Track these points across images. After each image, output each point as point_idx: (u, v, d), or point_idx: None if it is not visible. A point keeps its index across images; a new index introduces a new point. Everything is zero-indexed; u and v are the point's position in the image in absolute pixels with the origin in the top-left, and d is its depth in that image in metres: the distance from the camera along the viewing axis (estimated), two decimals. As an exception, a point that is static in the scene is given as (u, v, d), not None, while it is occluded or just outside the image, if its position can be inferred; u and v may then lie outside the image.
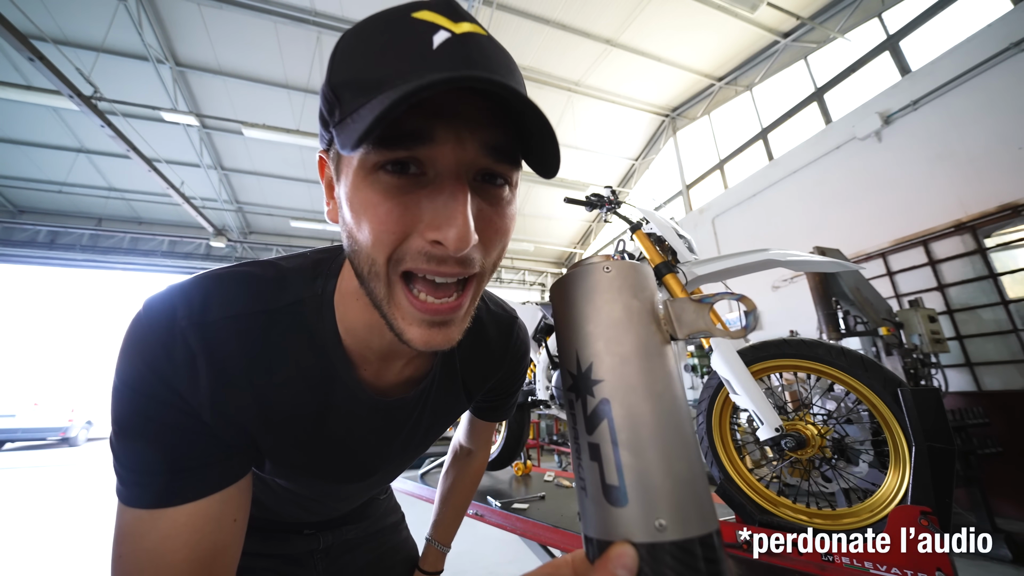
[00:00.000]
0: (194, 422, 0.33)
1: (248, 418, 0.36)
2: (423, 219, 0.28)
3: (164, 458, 0.32)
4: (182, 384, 0.32)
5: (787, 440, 1.02)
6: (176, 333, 0.32)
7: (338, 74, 0.29)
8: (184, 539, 0.32)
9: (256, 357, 0.36)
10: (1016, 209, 3.06)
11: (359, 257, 0.31)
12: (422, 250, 0.28)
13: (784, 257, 1.12)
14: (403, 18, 0.28)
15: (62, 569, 2.33)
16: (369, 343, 0.39)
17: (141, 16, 4.81)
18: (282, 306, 0.37)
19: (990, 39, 3.38)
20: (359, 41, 0.29)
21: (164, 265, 8.63)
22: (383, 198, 0.28)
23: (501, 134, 0.29)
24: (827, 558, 0.85)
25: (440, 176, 0.28)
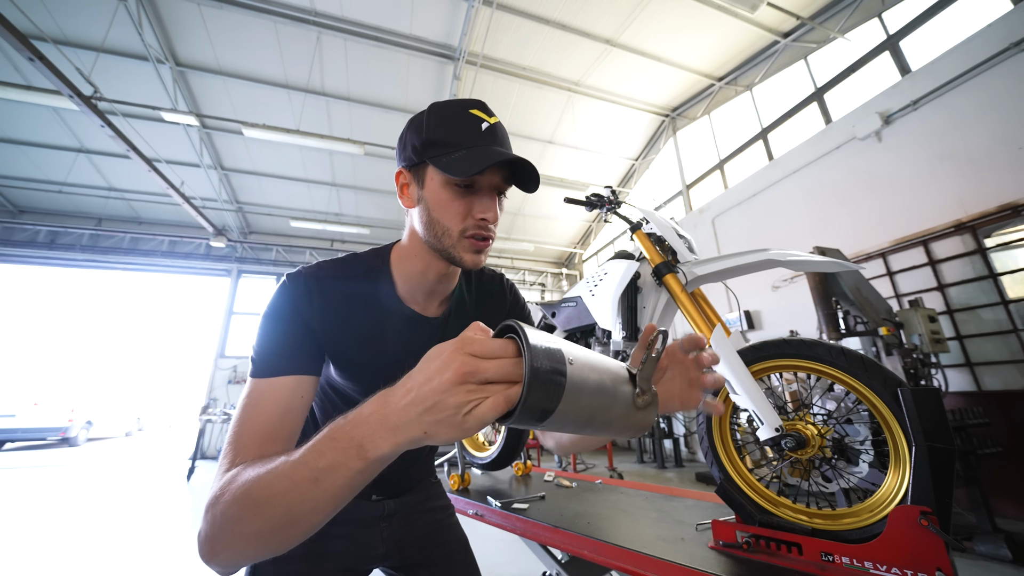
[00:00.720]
0: (304, 330, 0.58)
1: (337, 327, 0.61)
2: (475, 208, 0.58)
3: (280, 345, 0.56)
4: (304, 305, 0.58)
5: (787, 440, 1.02)
6: (301, 281, 0.59)
7: (432, 132, 0.57)
8: (273, 397, 0.53)
9: (346, 299, 0.62)
10: (1016, 209, 3.06)
11: (437, 227, 0.58)
12: (475, 224, 0.58)
13: (784, 257, 1.12)
14: (464, 112, 0.58)
15: (62, 569, 2.33)
16: (420, 284, 0.66)
17: (141, 16, 4.82)
18: (359, 272, 0.65)
19: (990, 39, 3.38)
20: (441, 116, 0.58)
21: (164, 265, 8.62)
22: (455, 197, 0.57)
23: (509, 173, 0.59)
24: (827, 558, 0.85)
25: (482, 190, 0.58)
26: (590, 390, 0.33)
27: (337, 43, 5.53)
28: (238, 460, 0.46)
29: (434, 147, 0.56)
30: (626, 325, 1.41)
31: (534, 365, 0.29)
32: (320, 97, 6.26)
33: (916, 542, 0.75)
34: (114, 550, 2.64)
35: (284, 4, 5.02)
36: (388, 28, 5.42)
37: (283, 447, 0.50)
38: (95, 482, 4.77)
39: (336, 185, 8.26)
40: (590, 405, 0.33)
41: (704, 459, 1.13)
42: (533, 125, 7.27)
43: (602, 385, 0.34)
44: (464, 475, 1.83)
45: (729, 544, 0.96)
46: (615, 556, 0.97)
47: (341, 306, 0.61)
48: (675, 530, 1.09)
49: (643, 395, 0.38)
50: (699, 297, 1.33)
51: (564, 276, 11.25)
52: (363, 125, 6.73)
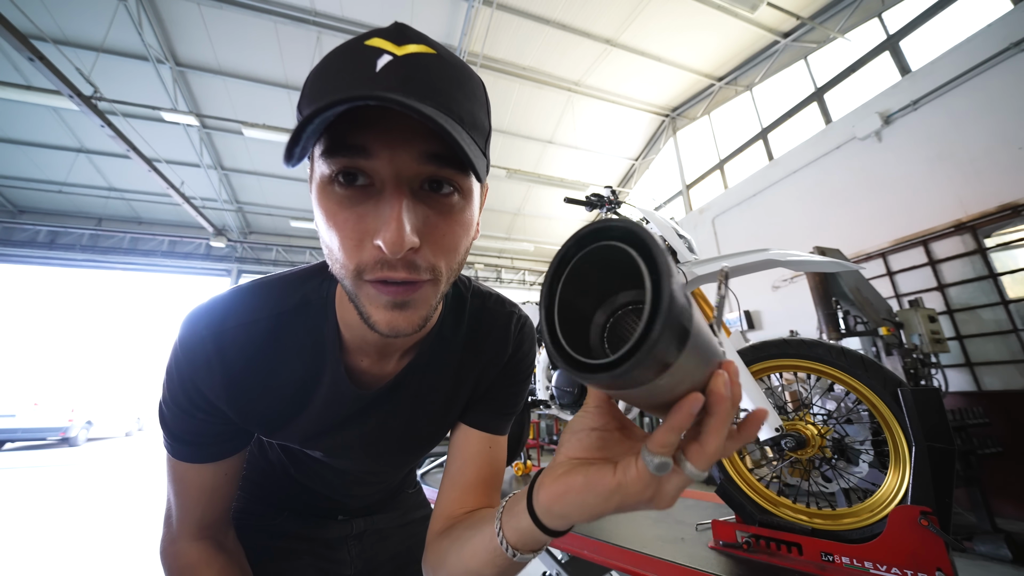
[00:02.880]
0: (208, 413, 0.44)
1: (253, 401, 0.45)
2: (370, 226, 0.31)
3: (186, 437, 0.46)
4: (203, 382, 0.42)
5: (787, 440, 1.02)
6: (198, 343, 0.42)
7: (302, 96, 0.33)
8: (196, 481, 0.48)
9: (263, 355, 0.44)
10: (1016, 209, 3.06)
11: (333, 259, 0.34)
12: (374, 259, 0.31)
13: (784, 257, 1.12)
14: (357, 46, 0.32)
15: (62, 569, 2.33)
16: (364, 336, 0.45)
17: (141, 16, 4.82)
18: (290, 307, 0.45)
19: (990, 39, 3.38)
20: (322, 67, 0.33)
21: (164, 265, 8.62)
22: (339, 207, 0.32)
23: (438, 146, 0.31)
24: (827, 558, 0.85)
25: (383, 186, 0.31)
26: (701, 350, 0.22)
27: (337, 43, 5.51)
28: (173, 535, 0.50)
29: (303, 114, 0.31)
30: (626, 325, 1.41)
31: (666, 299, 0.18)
32: (320, 97, 6.26)
33: (916, 542, 0.75)
34: (114, 550, 2.64)
35: (284, 4, 5.02)
36: (388, 28, 5.42)
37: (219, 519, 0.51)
38: (95, 482, 4.77)
39: (336, 185, 8.25)
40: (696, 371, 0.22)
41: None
42: (533, 125, 7.27)
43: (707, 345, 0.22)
44: (464, 475, 1.83)
45: (729, 544, 0.96)
46: (615, 556, 0.97)
47: (257, 367, 0.43)
48: (675, 530, 1.09)
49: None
50: (699, 297, 1.33)
51: (564, 276, 11.24)
52: (363, 125, 6.73)
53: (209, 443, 0.47)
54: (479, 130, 0.34)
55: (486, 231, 9.39)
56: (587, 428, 0.30)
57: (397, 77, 0.30)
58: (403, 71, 0.30)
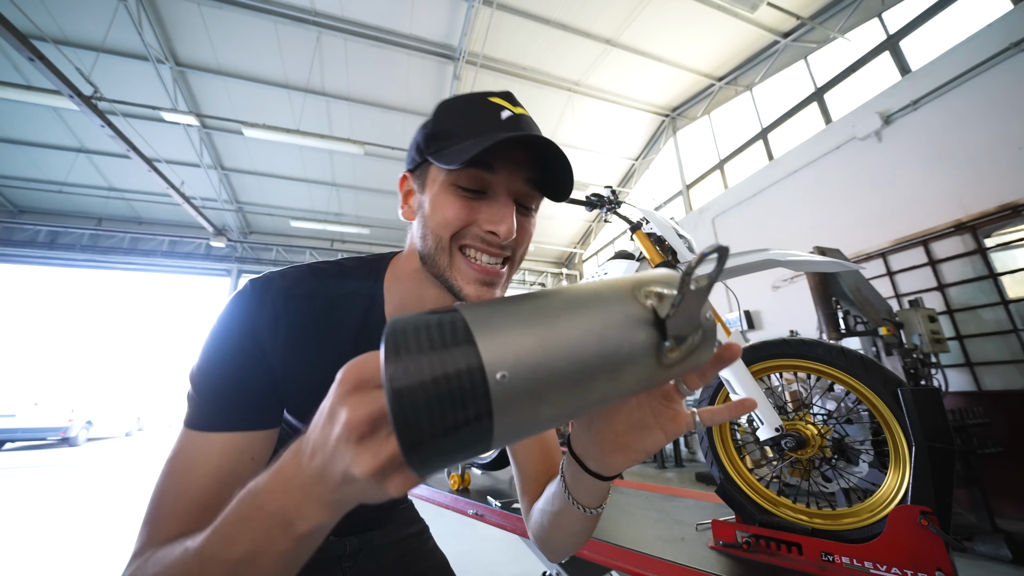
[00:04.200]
0: (259, 370, 0.44)
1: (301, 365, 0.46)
2: (480, 218, 0.43)
3: (224, 391, 0.42)
4: (265, 332, 0.44)
5: (787, 440, 1.02)
6: (269, 295, 0.46)
7: (440, 123, 0.45)
8: (212, 462, 0.40)
9: (319, 329, 0.48)
10: (1016, 209, 3.06)
11: (429, 238, 0.45)
12: (479, 235, 0.43)
13: (784, 257, 1.12)
14: (483, 100, 0.46)
15: (62, 569, 2.33)
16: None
17: (141, 16, 4.82)
18: (342, 293, 0.50)
19: (990, 39, 3.37)
20: (455, 106, 0.46)
21: (164, 265, 8.63)
22: (456, 199, 0.44)
23: (534, 173, 0.45)
24: (827, 558, 0.85)
25: (496, 195, 0.44)
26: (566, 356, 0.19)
27: (337, 43, 5.53)
28: (152, 542, 0.36)
29: (438, 139, 0.44)
30: (626, 325, 1.41)
31: (393, 367, 0.17)
32: (320, 97, 6.26)
33: (916, 542, 0.75)
34: (114, 550, 2.64)
35: (284, 4, 5.02)
36: (388, 28, 5.42)
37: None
38: (95, 482, 4.77)
39: (336, 185, 8.25)
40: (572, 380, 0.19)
41: (704, 459, 1.13)
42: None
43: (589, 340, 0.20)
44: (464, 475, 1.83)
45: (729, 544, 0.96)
46: (615, 556, 0.97)
47: (312, 336, 0.47)
48: (675, 530, 1.09)
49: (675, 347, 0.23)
50: (699, 297, 1.32)
51: (564, 276, 11.24)
52: (363, 125, 6.73)
53: (250, 403, 0.43)
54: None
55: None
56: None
57: (517, 124, 0.44)
58: (519, 122, 0.45)
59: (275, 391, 0.45)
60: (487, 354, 0.18)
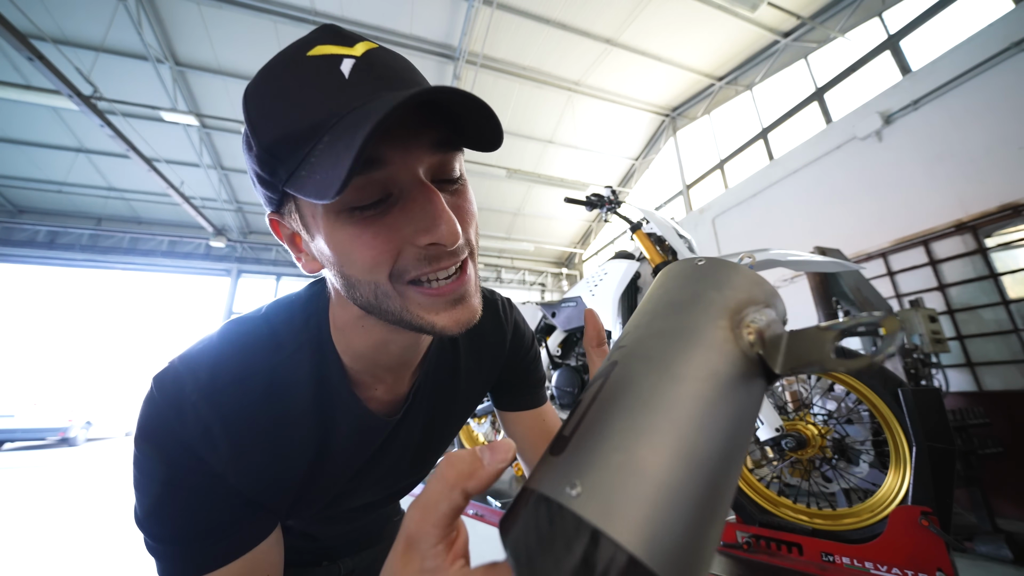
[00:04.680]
0: (218, 484, 0.35)
1: (270, 470, 0.38)
2: (406, 232, 0.31)
3: (195, 525, 0.34)
4: (206, 453, 0.34)
5: (787, 440, 1.01)
6: (188, 407, 0.34)
7: (265, 134, 0.29)
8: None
9: (266, 412, 0.37)
10: (1017, 209, 3.05)
11: (360, 288, 0.33)
12: (419, 256, 0.31)
13: (784, 257, 1.12)
14: (301, 60, 0.29)
15: (62, 569, 2.33)
16: (378, 361, 0.42)
17: (141, 16, 4.81)
18: (285, 355, 0.39)
19: (991, 39, 3.37)
20: (269, 95, 0.29)
21: (164, 265, 8.62)
22: (361, 229, 0.30)
23: (438, 133, 0.31)
24: (827, 558, 0.85)
25: (405, 190, 0.30)
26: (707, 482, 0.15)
27: (337, 43, 5.53)
28: None
29: (279, 158, 0.29)
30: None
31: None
32: (320, 97, 6.26)
33: (917, 542, 0.75)
34: (114, 550, 2.64)
35: (284, 4, 5.02)
36: (388, 28, 5.41)
37: None
38: (95, 482, 4.77)
39: (336, 185, 8.25)
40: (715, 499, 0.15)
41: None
42: (533, 125, 7.27)
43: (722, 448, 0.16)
44: (464, 475, 1.83)
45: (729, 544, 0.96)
46: (615, 556, 0.97)
47: (263, 428, 0.36)
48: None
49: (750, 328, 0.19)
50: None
51: (564, 276, 11.24)
52: (363, 125, 6.73)
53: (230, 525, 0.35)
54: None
55: (485, 231, 9.38)
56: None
57: (374, 77, 0.29)
58: (374, 71, 0.29)
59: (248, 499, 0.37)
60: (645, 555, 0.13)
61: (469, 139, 0.32)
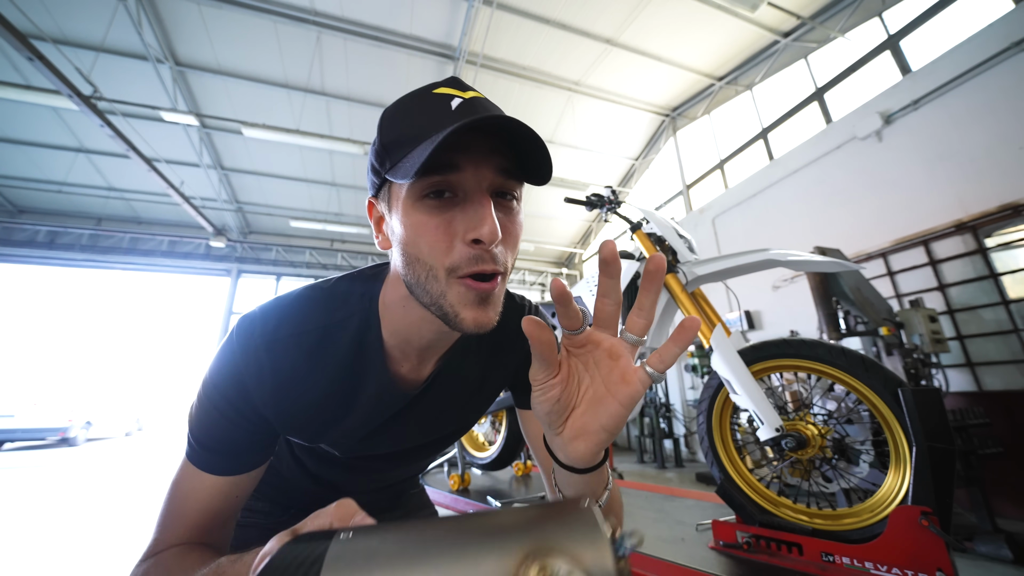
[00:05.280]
0: (249, 422, 0.45)
1: (299, 407, 0.47)
2: (460, 229, 0.38)
3: (214, 444, 0.45)
4: (253, 388, 0.44)
5: (787, 440, 1.01)
6: (251, 349, 0.44)
7: (386, 135, 0.41)
8: (204, 496, 0.45)
9: (313, 364, 0.46)
10: (1017, 209, 3.05)
11: (417, 266, 0.40)
12: (467, 254, 0.38)
13: (784, 257, 1.12)
14: (427, 94, 0.42)
15: (61, 569, 2.33)
16: (410, 340, 0.49)
17: (140, 15, 4.81)
18: (337, 320, 0.48)
19: (991, 39, 3.37)
20: (398, 111, 0.42)
21: (164, 265, 8.62)
22: (429, 216, 0.39)
23: (506, 160, 0.40)
24: (827, 558, 0.85)
25: (468, 195, 0.39)
26: None
27: (337, 43, 5.53)
28: (161, 544, 0.43)
29: (390, 153, 0.40)
30: (626, 325, 1.41)
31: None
32: (320, 97, 6.26)
33: (917, 542, 0.75)
34: (113, 550, 2.64)
35: (284, 4, 5.02)
36: (388, 28, 5.41)
37: (214, 538, 0.46)
38: (95, 482, 4.77)
39: (336, 185, 8.25)
40: None
41: (704, 459, 1.13)
42: (533, 125, 7.22)
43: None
44: (464, 475, 1.83)
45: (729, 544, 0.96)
46: (615, 556, 0.97)
47: (304, 372, 0.46)
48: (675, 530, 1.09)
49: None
50: (699, 297, 1.33)
51: (564, 276, 11.24)
52: (363, 125, 6.72)
53: (240, 452, 0.46)
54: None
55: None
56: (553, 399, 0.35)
57: (471, 109, 0.40)
58: (472, 107, 0.40)
59: (267, 434, 0.47)
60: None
61: (527, 172, 0.41)
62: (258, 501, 0.66)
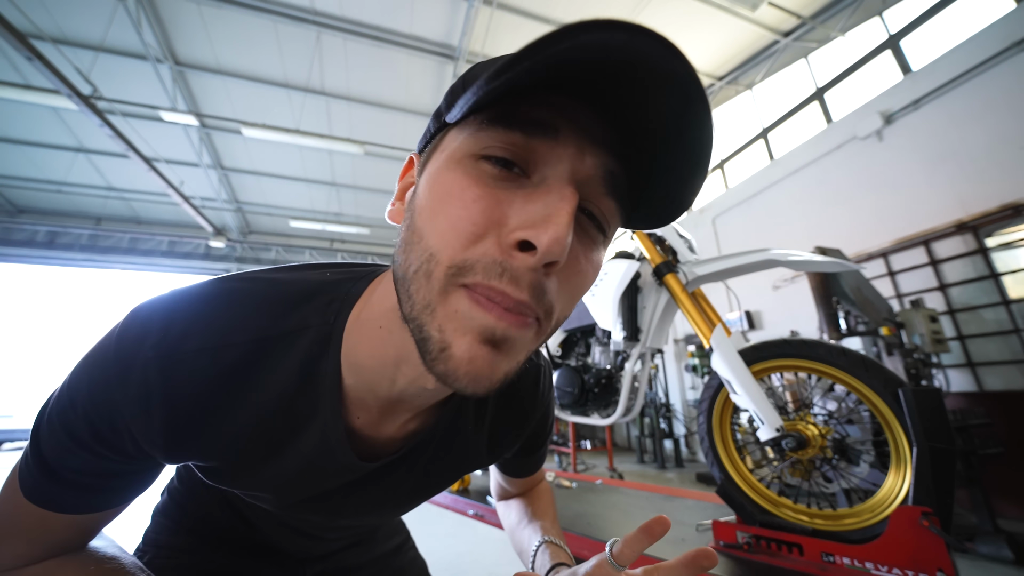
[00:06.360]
0: (119, 456, 0.31)
1: (201, 448, 0.33)
2: (511, 221, 0.23)
3: (65, 469, 0.31)
4: (133, 417, 0.30)
5: (788, 440, 1.01)
6: (137, 365, 0.29)
7: (472, 72, 0.27)
8: (37, 532, 0.32)
9: (229, 392, 0.31)
10: (1018, 209, 3.05)
11: (413, 252, 0.25)
12: (496, 258, 0.23)
13: (785, 257, 1.12)
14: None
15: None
16: (373, 386, 0.33)
17: (140, 15, 4.81)
18: (279, 331, 0.32)
19: (992, 38, 3.37)
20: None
21: (164, 265, 8.63)
22: (475, 183, 0.24)
23: (620, 168, 0.25)
24: (828, 558, 0.85)
25: (548, 180, 0.24)
26: None
27: (337, 42, 5.53)
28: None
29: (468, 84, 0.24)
30: (626, 325, 1.41)
31: None
32: (320, 96, 6.26)
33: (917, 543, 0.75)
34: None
35: (284, 3, 5.01)
36: (388, 27, 5.41)
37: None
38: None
39: (336, 185, 8.25)
40: None
41: (704, 459, 1.13)
42: (533, 125, 7.27)
43: None
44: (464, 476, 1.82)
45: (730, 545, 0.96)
46: (615, 557, 0.96)
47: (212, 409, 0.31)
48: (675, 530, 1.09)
49: None
50: (699, 297, 1.32)
51: (564, 276, 11.25)
52: (363, 125, 6.72)
53: (101, 490, 0.33)
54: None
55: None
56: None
57: (606, 26, 0.20)
58: (624, 28, 0.20)
59: (147, 469, 0.34)
60: None
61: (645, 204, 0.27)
62: (176, 536, 0.51)
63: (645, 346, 1.41)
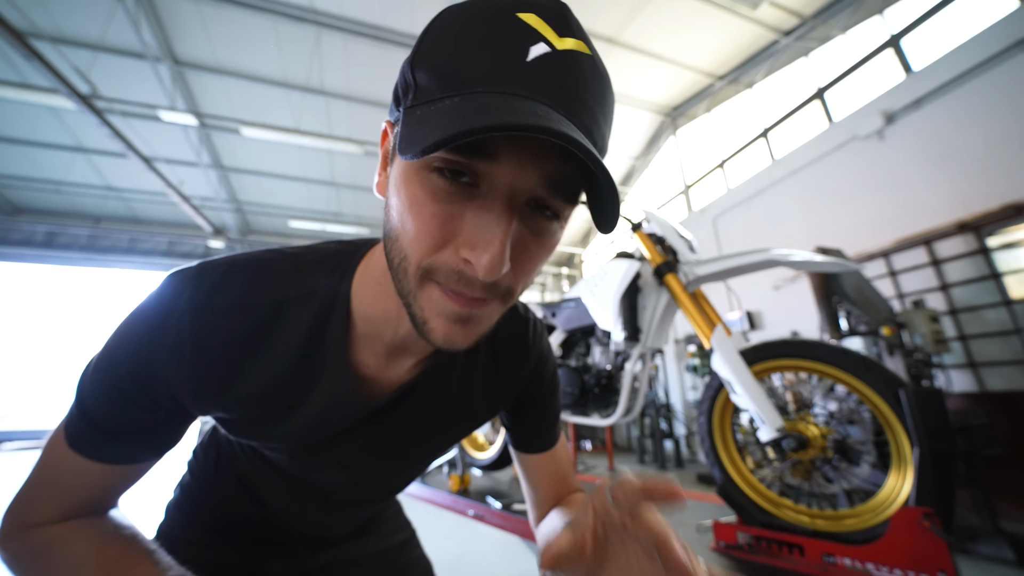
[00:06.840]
0: (153, 404, 0.36)
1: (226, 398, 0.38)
2: (463, 233, 0.28)
3: (110, 426, 0.36)
4: (165, 367, 0.34)
5: (788, 441, 1.01)
6: (174, 314, 0.34)
7: (424, 57, 0.28)
8: (74, 483, 0.37)
9: (250, 344, 0.36)
10: (1019, 209, 3.04)
11: (395, 246, 0.30)
12: (454, 267, 0.28)
13: (785, 257, 1.12)
14: (508, 15, 0.27)
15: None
16: (381, 332, 0.39)
17: (139, 14, 4.80)
18: (294, 296, 0.38)
19: (994, 38, 3.36)
20: (455, 27, 0.28)
21: (163, 264, 8.62)
22: (430, 198, 0.28)
23: (565, 170, 0.28)
24: (829, 559, 0.84)
25: (492, 194, 0.27)
26: None
27: (336, 42, 5.52)
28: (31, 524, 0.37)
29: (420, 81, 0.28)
30: (627, 325, 1.40)
31: None
32: (319, 96, 6.25)
33: (918, 543, 0.74)
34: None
35: (283, 2, 5.00)
36: (388, 27, 5.40)
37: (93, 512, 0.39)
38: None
39: (335, 185, 8.24)
40: None
41: (705, 460, 1.13)
42: (533, 124, 7.26)
43: None
44: (464, 476, 1.83)
45: (730, 545, 0.96)
46: (615, 558, 0.96)
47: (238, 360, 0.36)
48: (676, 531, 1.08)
49: None
50: (700, 297, 1.32)
51: (564, 276, 11.23)
52: (363, 124, 6.72)
53: (137, 438, 0.37)
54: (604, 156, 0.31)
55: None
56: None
57: (551, 81, 0.26)
58: (558, 74, 0.26)
59: (179, 419, 0.38)
60: None
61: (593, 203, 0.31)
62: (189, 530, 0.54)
63: (645, 346, 1.41)
